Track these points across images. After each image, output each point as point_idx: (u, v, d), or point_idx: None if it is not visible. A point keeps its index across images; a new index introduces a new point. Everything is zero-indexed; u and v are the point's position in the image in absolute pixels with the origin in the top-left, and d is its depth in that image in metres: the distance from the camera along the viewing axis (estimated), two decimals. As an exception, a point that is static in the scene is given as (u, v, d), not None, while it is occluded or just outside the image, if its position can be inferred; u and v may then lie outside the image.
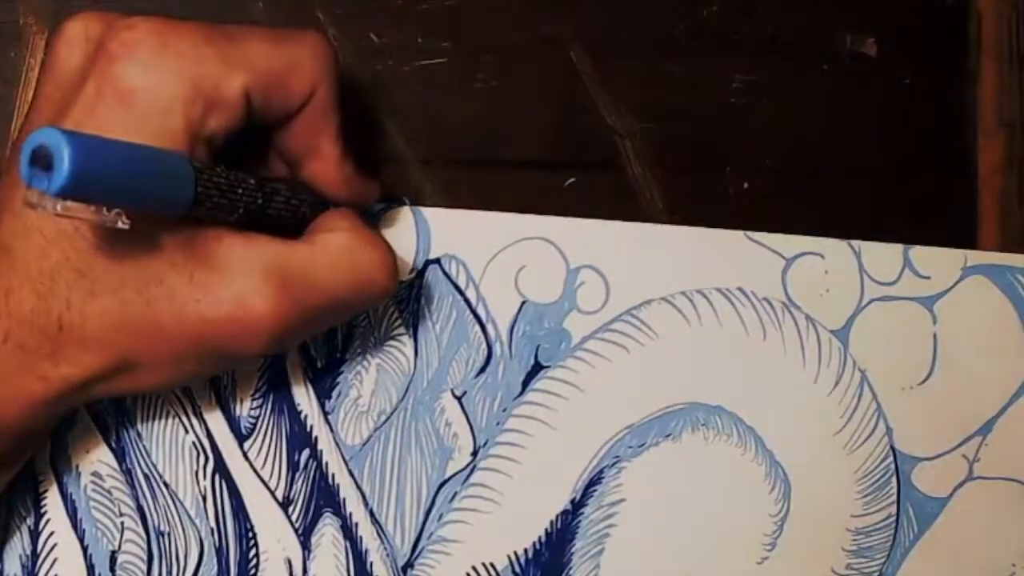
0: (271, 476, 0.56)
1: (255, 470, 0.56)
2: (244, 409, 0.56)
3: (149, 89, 0.44)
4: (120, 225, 0.41)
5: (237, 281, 0.46)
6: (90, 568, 0.55)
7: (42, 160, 0.38)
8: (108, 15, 0.47)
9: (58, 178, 0.38)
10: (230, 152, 0.47)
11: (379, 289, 0.49)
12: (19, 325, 0.45)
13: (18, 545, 0.54)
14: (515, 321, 0.57)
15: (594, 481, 0.57)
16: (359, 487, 0.56)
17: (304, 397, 0.56)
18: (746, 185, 0.59)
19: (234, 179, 0.46)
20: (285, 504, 0.56)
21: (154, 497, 0.55)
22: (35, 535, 0.55)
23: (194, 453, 0.55)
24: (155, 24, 0.45)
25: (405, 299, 0.56)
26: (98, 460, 0.55)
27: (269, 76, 0.47)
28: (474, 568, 0.56)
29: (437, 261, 0.57)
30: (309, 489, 0.56)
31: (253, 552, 0.55)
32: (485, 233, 0.57)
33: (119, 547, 0.55)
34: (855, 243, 0.59)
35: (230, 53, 0.46)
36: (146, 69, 0.45)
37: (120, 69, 0.45)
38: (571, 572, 0.57)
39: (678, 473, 0.58)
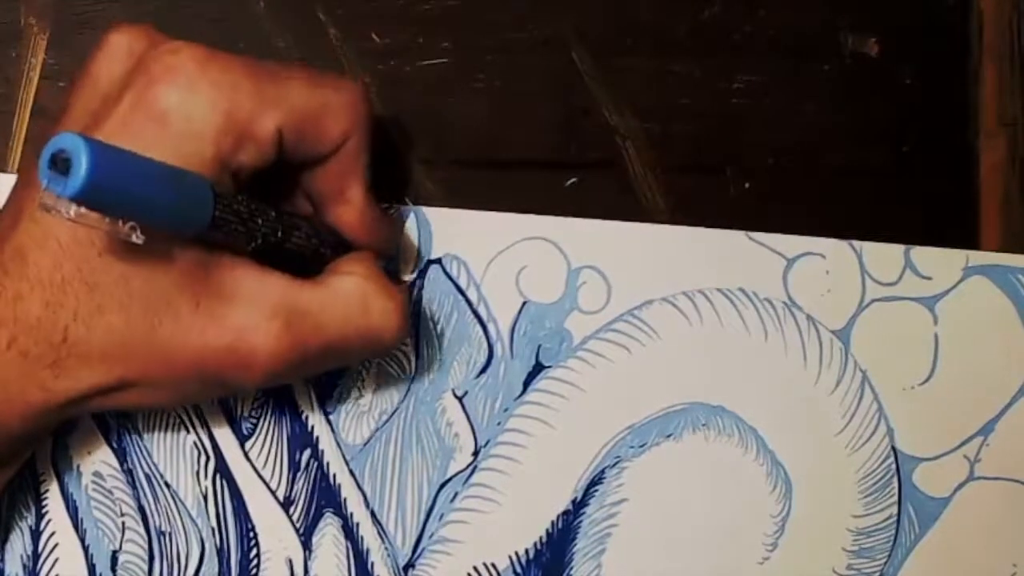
0: (272, 476, 0.56)
1: (256, 470, 0.56)
2: (245, 409, 0.56)
3: (184, 114, 0.45)
4: (134, 239, 0.41)
5: (242, 313, 0.46)
6: (91, 568, 0.55)
7: (61, 164, 0.38)
8: (152, 32, 0.47)
9: (74, 182, 0.38)
10: (258, 185, 0.48)
11: (388, 338, 0.50)
12: (24, 332, 0.45)
13: (19, 545, 0.54)
14: (516, 321, 0.57)
15: (595, 481, 0.57)
16: (360, 487, 0.56)
17: (305, 397, 0.56)
18: (747, 185, 0.59)
19: (255, 209, 0.46)
20: (286, 504, 0.56)
21: (155, 497, 0.55)
22: (36, 535, 0.55)
23: (195, 453, 0.55)
24: (198, 51, 0.46)
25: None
26: (99, 460, 0.55)
27: (304, 118, 0.47)
28: (475, 568, 0.56)
29: (438, 261, 0.57)
30: (310, 489, 0.56)
31: (254, 552, 0.55)
32: (486, 233, 0.57)
33: (120, 547, 0.55)
34: (856, 243, 0.59)
35: (268, 90, 0.46)
36: (184, 95, 0.45)
37: (158, 91, 0.45)
38: (572, 572, 0.57)
39: (679, 473, 0.58)
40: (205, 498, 0.55)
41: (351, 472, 0.56)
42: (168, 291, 0.45)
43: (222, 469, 0.55)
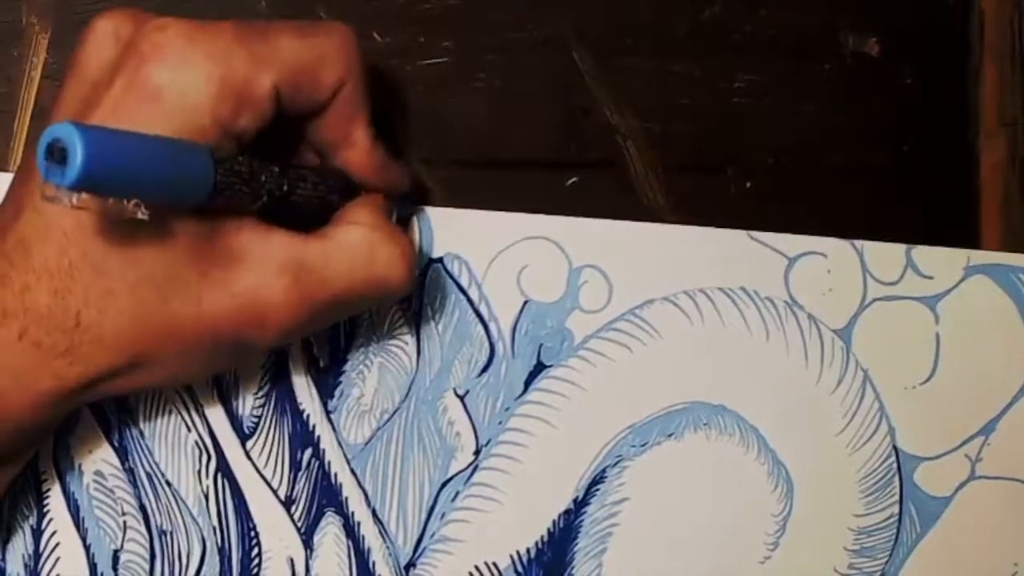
0: (273, 475, 0.56)
1: (257, 469, 0.55)
2: (247, 408, 0.56)
3: (178, 89, 0.45)
4: (140, 216, 0.41)
5: (250, 275, 0.47)
6: (92, 567, 0.55)
7: (58, 154, 0.39)
8: (138, 14, 0.47)
9: (72, 171, 0.38)
10: (261, 143, 0.48)
11: (395, 286, 0.50)
12: (35, 322, 0.45)
13: (21, 544, 0.54)
14: (518, 320, 0.57)
15: (597, 480, 0.57)
16: (361, 486, 0.56)
17: (307, 396, 0.56)
18: (748, 184, 0.59)
19: (256, 167, 0.46)
20: (287, 503, 0.56)
21: (156, 496, 0.55)
22: (38, 534, 0.54)
23: (196, 452, 0.55)
24: (185, 25, 0.46)
25: (408, 298, 0.56)
26: (101, 459, 0.55)
27: (298, 71, 0.47)
28: (476, 567, 0.56)
29: (440, 260, 0.57)
30: (311, 488, 0.56)
31: (255, 551, 0.55)
32: (488, 232, 0.57)
33: (121, 546, 0.55)
34: (857, 243, 0.59)
35: (259, 51, 0.46)
36: (176, 70, 0.45)
37: (150, 69, 0.45)
38: (574, 571, 0.57)
39: (680, 472, 0.58)
40: (206, 497, 0.55)
41: (352, 471, 0.56)
42: (175, 266, 0.45)
43: (223, 468, 0.55)
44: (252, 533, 0.55)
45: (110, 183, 0.40)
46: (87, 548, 0.55)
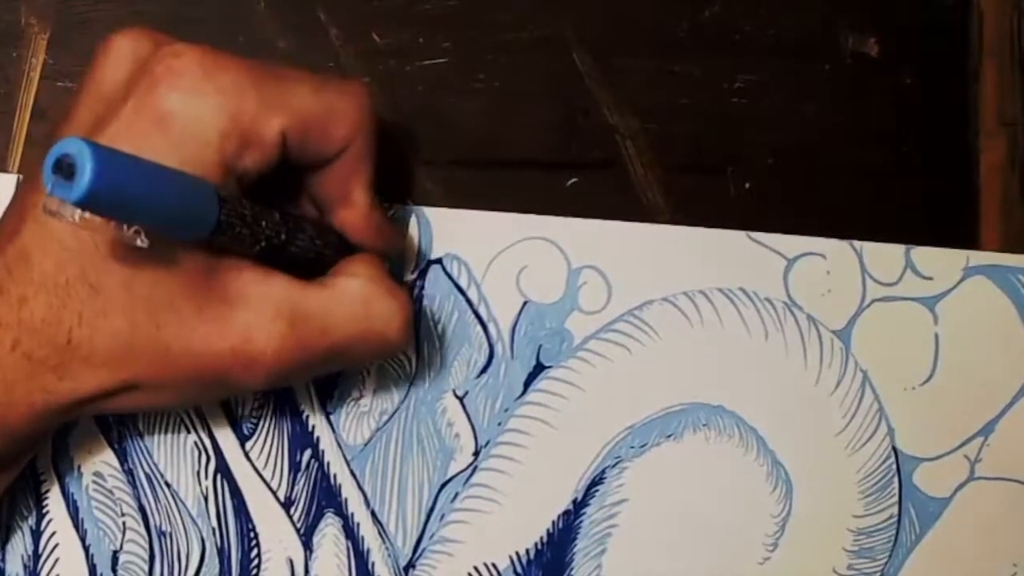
0: (273, 476, 0.56)
1: (257, 470, 0.56)
2: (246, 409, 0.56)
3: (188, 118, 0.45)
4: (139, 243, 0.41)
5: (246, 316, 0.46)
6: (92, 568, 0.55)
7: (65, 169, 0.38)
8: (157, 35, 0.47)
9: (78, 188, 0.38)
10: (261, 188, 0.48)
11: (392, 342, 0.50)
12: (29, 335, 0.45)
13: (20, 545, 0.54)
14: (517, 321, 0.57)
15: (596, 481, 0.57)
16: (361, 487, 0.56)
17: (306, 397, 0.56)
18: (748, 185, 0.59)
19: (258, 212, 0.46)
20: (287, 504, 0.56)
21: (156, 497, 0.55)
22: (37, 535, 0.55)
23: (196, 453, 0.55)
24: (202, 54, 0.46)
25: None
26: (100, 460, 0.55)
27: (308, 121, 0.47)
28: (476, 568, 0.56)
29: (439, 261, 0.57)
30: (311, 489, 0.56)
31: (255, 552, 0.55)
32: (487, 233, 0.57)
33: (121, 547, 0.55)
34: (857, 243, 0.59)
35: (272, 94, 0.46)
36: (187, 98, 0.45)
37: (162, 94, 0.45)
38: (573, 572, 0.57)
39: (680, 473, 0.58)
40: (206, 498, 0.55)
41: (352, 472, 0.56)
42: (172, 294, 0.45)
43: (223, 469, 0.55)
44: (251, 534, 0.55)
45: (114, 206, 0.40)
46: (86, 549, 0.55)
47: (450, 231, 0.57)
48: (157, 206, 0.41)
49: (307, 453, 0.56)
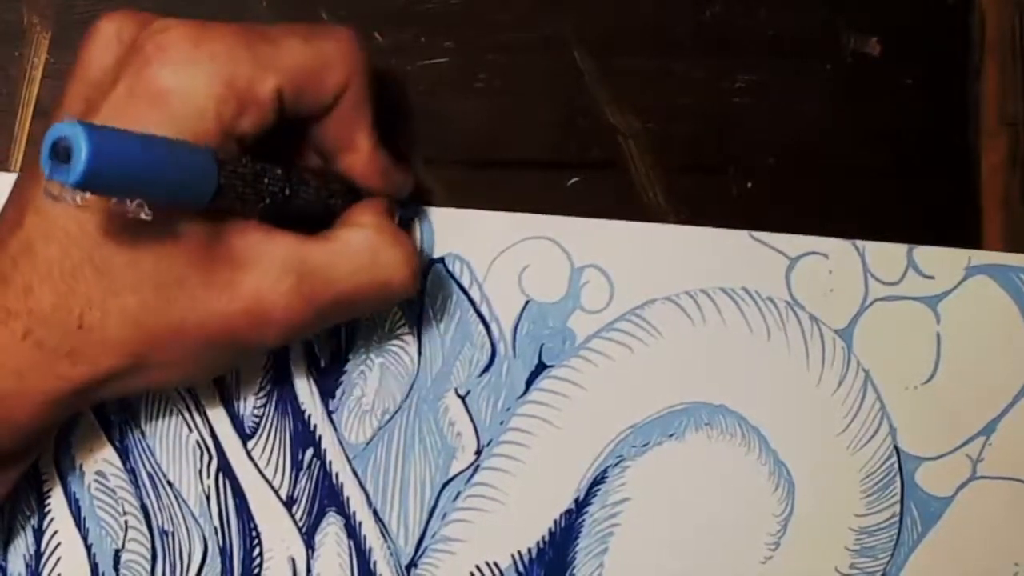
0: (275, 475, 0.56)
1: (259, 469, 0.55)
2: (248, 408, 0.56)
3: (182, 91, 0.45)
4: (143, 216, 0.41)
5: (253, 276, 0.47)
6: (94, 567, 0.55)
7: (62, 153, 0.38)
8: (141, 15, 0.47)
9: (76, 170, 0.38)
10: (264, 145, 0.48)
11: (398, 288, 0.50)
12: (39, 323, 0.45)
13: (22, 544, 0.54)
14: (519, 320, 0.57)
15: (598, 480, 0.57)
16: (363, 486, 0.56)
17: (308, 396, 0.56)
18: (749, 185, 0.59)
19: (259, 169, 0.46)
20: (289, 503, 0.56)
21: (158, 496, 0.55)
22: (39, 534, 0.54)
23: (198, 452, 0.55)
24: (189, 26, 0.46)
25: (409, 298, 0.56)
26: (102, 459, 0.55)
27: (302, 75, 0.47)
28: (478, 567, 0.56)
29: (441, 260, 0.57)
30: (313, 488, 0.56)
31: (257, 551, 0.55)
32: (489, 232, 0.57)
33: (123, 546, 0.55)
34: (859, 243, 0.59)
35: (263, 53, 0.46)
36: (179, 71, 0.45)
37: (154, 71, 0.45)
38: (575, 571, 0.57)
39: (682, 472, 0.57)
40: (208, 497, 0.55)
41: (354, 471, 0.56)
42: (178, 267, 0.45)
43: (224, 468, 0.55)
44: (253, 533, 0.55)
45: (114, 183, 0.40)
46: (88, 548, 0.55)
47: (452, 231, 0.57)
48: (157, 177, 0.41)
49: (309, 452, 0.56)
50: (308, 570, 0.56)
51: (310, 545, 0.56)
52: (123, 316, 0.45)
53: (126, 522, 0.55)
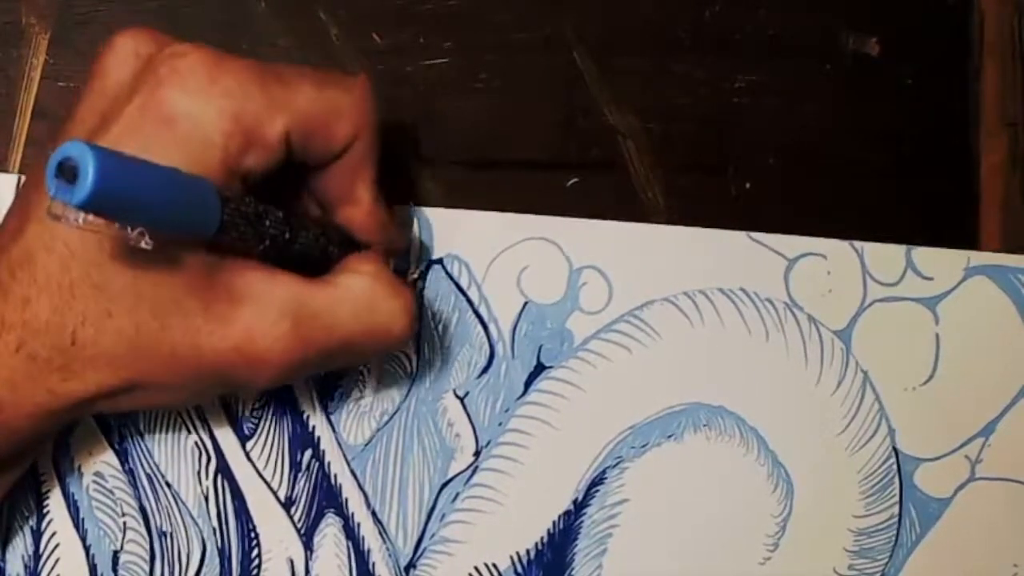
0: (273, 476, 0.56)
1: (257, 470, 0.55)
2: (246, 409, 0.56)
3: (192, 119, 0.45)
4: (143, 245, 0.41)
5: (250, 315, 0.46)
6: (92, 568, 0.55)
7: (68, 172, 0.38)
8: (160, 35, 0.47)
9: (81, 191, 0.38)
10: (266, 187, 0.48)
11: (397, 336, 0.50)
12: (33, 336, 0.44)
13: (20, 545, 0.54)
14: (517, 321, 0.57)
15: (596, 481, 0.57)
16: (361, 487, 0.56)
17: (306, 397, 0.56)
18: (748, 185, 0.59)
19: (262, 210, 0.46)
20: (287, 504, 0.56)
21: (156, 497, 0.55)
22: (37, 535, 0.54)
23: (196, 453, 0.55)
24: (206, 55, 0.46)
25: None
26: (101, 460, 0.55)
27: (312, 120, 0.47)
28: (476, 568, 0.56)
29: (439, 261, 0.57)
30: (311, 489, 0.56)
31: (255, 552, 0.55)
32: (487, 233, 0.57)
33: (121, 547, 0.55)
34: (857, 244, 0.59)
35: (276, 94, 0.46)
36: (192, 99, 0.45)
37: (166, 94, 0.45)
38: (573, 572, 0.57)
39: (680, 474, 0.58)
40: (206, 498, 0.55)
41: (352, 472, 0.56)
42: (177, 294, 0.45)
43: (223, 469, 0.55)
44: (252, 534, 0.55)
45: (117, 208, 0.40)
46: (87, 549, 0.55)
47: (451, 231, 0.57)
48: (160, 207, 0.41)
49: (308, 453, 0.56)
50: (307, 571, 0.56)
51: (308, 546, 0.56)
52: (117, 336, 0.45)
53: (124, 523, 0.55)
